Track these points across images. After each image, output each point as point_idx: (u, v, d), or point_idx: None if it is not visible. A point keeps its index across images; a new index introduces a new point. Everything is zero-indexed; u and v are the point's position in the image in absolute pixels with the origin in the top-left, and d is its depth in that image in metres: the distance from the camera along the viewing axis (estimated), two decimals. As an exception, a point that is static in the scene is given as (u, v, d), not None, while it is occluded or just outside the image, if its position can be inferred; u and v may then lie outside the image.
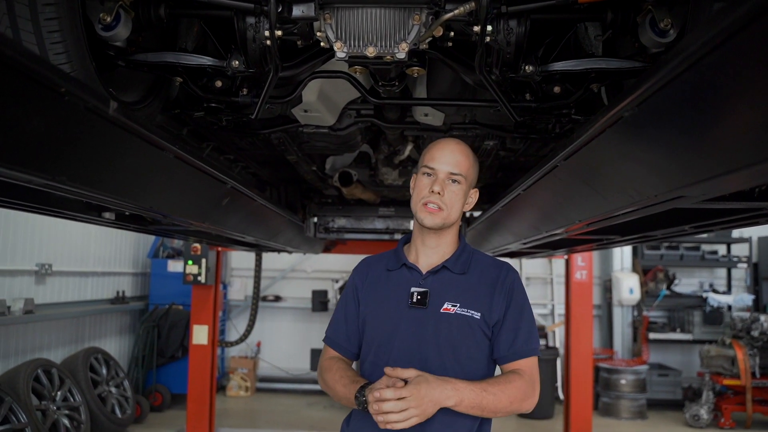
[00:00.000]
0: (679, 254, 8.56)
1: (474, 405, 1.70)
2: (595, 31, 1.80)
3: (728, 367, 7.31)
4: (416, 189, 1.91)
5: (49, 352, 5.94)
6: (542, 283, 9.28)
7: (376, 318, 1.92)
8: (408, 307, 1.86)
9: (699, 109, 1.03)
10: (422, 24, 1.60)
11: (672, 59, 0.98)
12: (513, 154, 3.02)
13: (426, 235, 1.93)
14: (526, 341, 1.84)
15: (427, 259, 1.93)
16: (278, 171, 3.89)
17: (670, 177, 1.28)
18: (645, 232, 2.63)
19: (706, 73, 0.94)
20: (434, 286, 1.88)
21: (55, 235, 6.12)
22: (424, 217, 1.87)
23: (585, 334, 6.17)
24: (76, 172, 1.45)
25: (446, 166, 1.85)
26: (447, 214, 1.86)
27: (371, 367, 1.89)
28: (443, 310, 1.84)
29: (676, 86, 1.02)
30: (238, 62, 1.78)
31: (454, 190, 1.86)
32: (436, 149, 1.90)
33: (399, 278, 1.93)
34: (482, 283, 1.89)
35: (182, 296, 7.51)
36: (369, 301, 1.96)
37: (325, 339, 2.05)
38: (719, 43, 0.84)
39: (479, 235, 4.19)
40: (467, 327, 1.83)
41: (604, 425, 7.39)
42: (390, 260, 2.00)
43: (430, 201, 1.85)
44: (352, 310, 1.99)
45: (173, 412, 7.33)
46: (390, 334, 1.87)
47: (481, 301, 1.85)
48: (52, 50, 1.47)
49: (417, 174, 1.94)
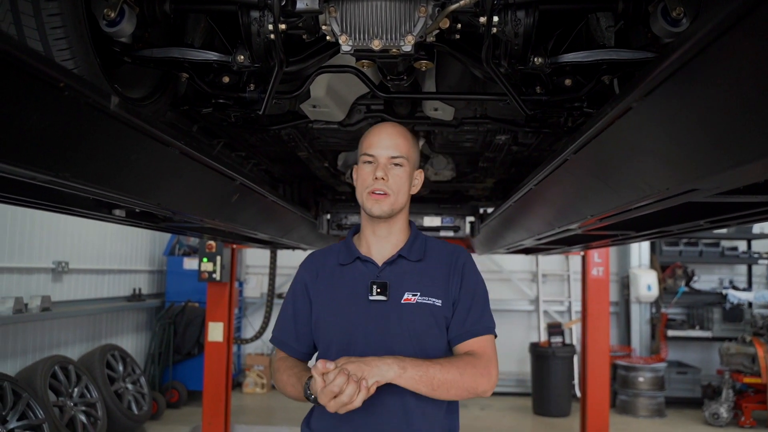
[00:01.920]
0: (698, 250, 8.45)
1: (421, 375, 1.63)
2: (607, 22, 1.77)
3: (748, 365, 7.20)
4: (359, 179, 1.87)
5: (66, 349, 6.00)
6: (559, 280, 9.20)
7: (333, 316, 1.84)
8: (368, 302, 1.81)
9: (709, 97, 0.99)
10: (428, 16, 1.57)
11: (681, 45, 0.94)
12: (525, 149, 2.98)
13: (376, 225, 1.88)
14: (478, 320, 1.82)
15: (381, 251, 1.89)
16: (290, 168, 3.88)
17: (682, 169, 1.24)
18: (661, 227, 2.58)
19: (716, 59, 0.90)
20: (392, 276, 1.83)
21: (72, 233, 6.18)
22: (371, 206, 1.82)
23: (602, 331, 6.11)
24: (80, 169, 1.45)
25: (386, 151, 1.83)
26: (394, 199, 1.83)
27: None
28: (404, 301, 1.80)
29: (685, 74, 0.98)
30: (243, 57, 1.77)
31: (397, 173, 1.83)
32: (373, 135, 1.87)
33: (354, 272, 1.88)
34: (438, 268, 1.86)
35: (198, 293, 7.56)
36: (323, 298, 1.88)
37: (272, 339, 1.97)
38: (731, 26, 0.81)
39: (493, 231, 4.15)
40: (430, 316, 1.80)
41: (621, 423, 7.31)
42: (341, 254, 1.93)
43: (376, 188, 1.81)
44: (302, 308, 1.91)
45: (189, 408, 7.37)
46: (352, 332, 1.80)
47: (439, 288, 1.83)
48: (56, 47, 1.46)
49: (357, 165, 1.91)
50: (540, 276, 9.01)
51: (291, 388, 1.78)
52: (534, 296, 9.08)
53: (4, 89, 1.06)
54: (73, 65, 1.50)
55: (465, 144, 3.07)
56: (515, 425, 7.27)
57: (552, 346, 7.62)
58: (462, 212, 4.61)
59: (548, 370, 7.60)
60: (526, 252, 5.44)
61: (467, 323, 1.82)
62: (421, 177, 1.96)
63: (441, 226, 4.59)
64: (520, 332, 8.95)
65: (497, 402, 8.26)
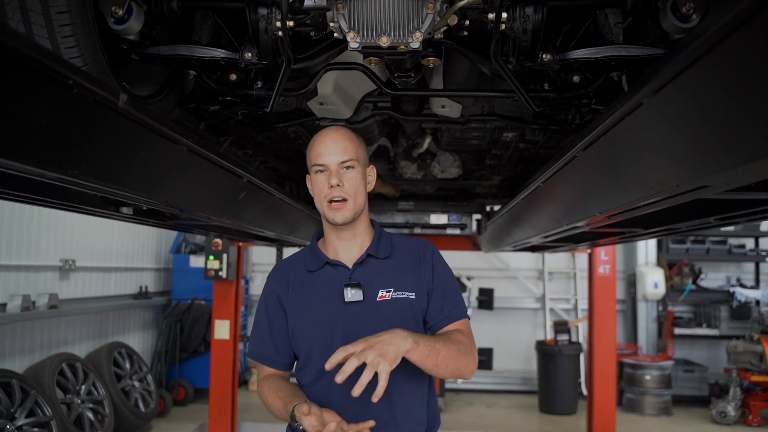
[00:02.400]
0: (705, 248, 8.41)
1: (430, 349, 1.66)
2: (615, 18, 1.76)
3: (756, 363, 7.16)
4: (315, 189, 1.89)
5: (73, 347, 6.02)
6: (565, 277, 9.18)
7: (311, 322, 1.86)
8: (344, 304, 1.82)
9: (721, 93, 0.98)
10: (436, 12, 1.56)
11: (693, 41, 0.94)
12: (533, 146, 2.97)
13: (339, 230, 1.89)
14: (454, 306, 1.88)
15: (348, 253, 1.91)
16: (297, 165, 3.88)
17: (693, 166, 1.24)
18: (669, 224, 2.57)
19: (729, 55, 0.89)
20: (364, 276, 1.86)
21: (79, 231, 6.20)
22: (333, 215, 1.84)
23: (608, 329, 6.10)
24: (88, 166, 1.45)
25: (335, 157, 1.84)
26: (353, 203, 1.85)
27: (316, 374, 1.83)
28: (379, 299, 1.83)
29: (697, 70, 0.97)
30: (251, 54, 1.77)
31: (351, 176, 1.85)
32: (318, 144, 1.88)
33: (325, 277, 1.89)
34: (407, 263, 1.90)
35: (204, 291, 7.57)
36: (296, 306, 1.89)
37: (250, 355, 1.97)
38: (744, 22, 0.80)
39: (500, 229, 4.14)
40: (407, 309, 1.84)
41: (628, 421, 7.30)
42: (309, 261, 1.93)
43: (333, 196, 1.83)
44: (277, 319, 1.92)
45: (196, 406, 7.39)
46: (332, 336, 1.81)
47: (411, 281, 1.86)
48: (64, 44, 1.46)
49: (309, 175, 1.93)
50: (546, 274, 8.99)
51: (276, 411, 1.79)
52: (540, 294, 9.06)
53: (13, 86, 1.07)
54: (81, 63, 1.50)
55: (472, 141, 3.06)
56: (521, 423, 7.26)
57: (558, 344, 7.60)
58: (468, 210, 4.61)
59: (554, 367, 7.59)
60: (533, 250, 5.44)
61: (445, 309, 1.87)
62: (374, 173, 1.98)
63: (447, 223, 4.58)
64: (526, 330, 8.94)
65: (503, 400, 8.25)
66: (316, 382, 1.84)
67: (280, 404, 1.76)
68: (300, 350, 1.89)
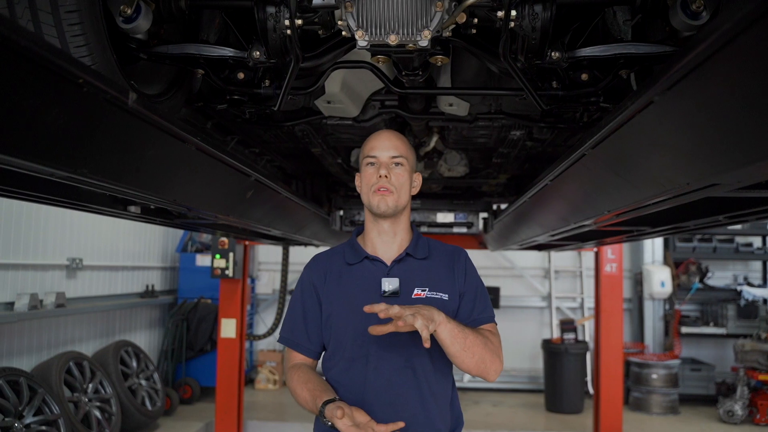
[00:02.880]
0: (712, 246, 8.37)
1: (460, 329, 1.75)
2: (624, 16, 1.75)
3: (764, 362, 7.14)
4: (363, 181, 1.97)
5: (80, 345, 6.04)
6: (571, 276, 9.16)
7: (346, 312, 1.92)
8: (380, 297, 1.89)
9: (733, 90, 0.98)
10: (445, 10, 1.56)
11: (704, 39, 0.93)
12: (540, 145, 2.96)
13: (381, 226, 1.98)
14: (484, 310, 1.97)
15: (387, 250, 1.99)
16: (303, 164, 3.88)
17: (704, 164, 1.23)
18: (677, 222, 2.55)
19: (742, 52, 0.89)
20: (402, 273, 1.94)
21: (86, 230, 6.22)
22: (378, 202, 1.91)
23: (615, 327, 6.10)
24: (97, 165, 1.45)
25: (387, 152, 1.94)
26: (397, 196, 1.92)
27: (347, 363, 1.90)
28: (415, 296, 1.91)
29: (709, 67, 0.97)
30: (259, 53, 1.77)
31: (399, 172, 1.94)
32: (374, 140, 1.99)
33: (363, 271, 1.97)
34: (442, 266, 1.99)
35: (211, 290, 7.59)
36: (334, 297, 1.96)
37: (281, 340, 2.03)
38: (757, 19, 0.79)
39: (506, 227, 4.13)
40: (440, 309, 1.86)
41: (634, 420, 7.28)
42: (348, 254, 2.01)
43: (380, 185, 1.91)
44: (312, 308, 1.98)
45: (202, 404, 7.41)
46: (364, 327, 1.84)
47: (445, 283, 1.95)
48: (73, 43, 1.47)
49: (359, 172, 2.02)
50: (552, 272, 8.97)
51: (304, 403, 1.86)
52: (546, 293, 9.04)
53: (23, 85, 1.07)
54: (90, 61, 1.50)
55: (479, 140, 3.06)
56: (528, 422, 7.25)
57: (565, 343, 7.59)
58: (475, 208, 4.59)
59: (561, 366, 7.57)
60: (539, 248, 5.42)
61: (475, 312, 1.95)
62: (419, 180, 2.07)
63: (454, 222, 4.57)
64: (532, 329, 8.92)
65: (509, 399, 8.24)
66: (346, 371, 1.90)
67: (309, 396, 1.83)
68: (332, 338, 1.95)
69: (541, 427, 7.10)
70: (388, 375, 1.85)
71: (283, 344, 2.04)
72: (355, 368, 1.88)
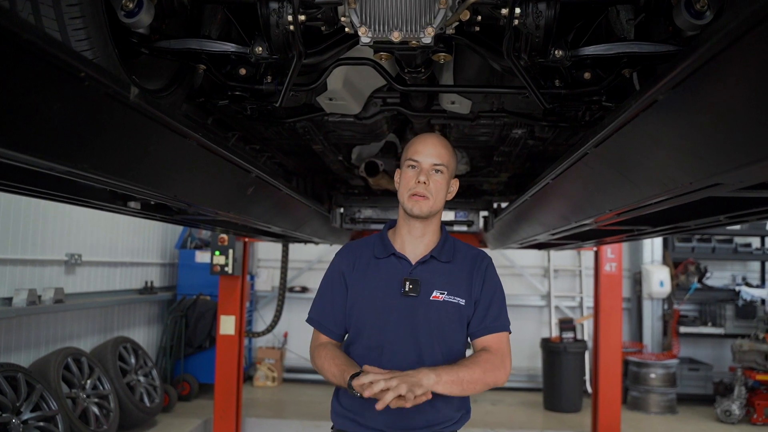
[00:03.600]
0: (710, 246, 8.38)
1: (453, 379, 1.84)
2: (627, 15, 1.75)
3: (761, 362, 7.14)
4: (402, 181, 2.06)
5: (78, 341, 6.03)
6: (570, 275, 9.16)
7: (368, 303, 2.05)
8: (400, 295, 2.01)
9: (737, 90, 0.97)
10: (448, 8, 1.55)
11: (708, 39, 0.93)
12: (542, 143, 2.95)
13: (412, 225, 2.07)
14: (496, 318, 2.04)
15: (414, 249, 2.08)
16: (304, 161, 3.87)
17: (706, 163, 1.23)
18: (677, 222, 2.55)
19: (746, 52, 0.88)
20: (423, 275, 2.04)
21: (85, 226, 6.21)
22: (412, 206, 2.02)
23: (614, 327, 6.10)
24: (98, 160, 1.44)
25: (429, 158, 2.02)
26: (433, 202, 2.02)
27: (364, 351, 2.03)
28: (433, 298, 2.01)
29: (714, 67, 0.96)
30: (261, 49, 1.76)
31: (437, 179, 2.02)
32: (419, 143, 2.06)
33: (388, 267, 2.07)
34: (463, 270, 2.08)
35: (210, 287, 7.58)
36: (359, 287, 2.07)
37: (310, 321, 2.14)
38: (759, 21, 0.79)
39: (507, 226, 4.13)
40: (455, 313, 2.02)
41: (632, 419, 7.28)
42: (377, 248, 2.11)
43: (417, 191, 2.01)
44: (339, 294, 2.10)
45: (201, 401, 7.41)
46: (383, 320, 2.01)
47: (464, 288, 2.04)
48: (74, 37, 1.45)
49: (401, 169, 2.10)
50: (552, 271, 8.97)
51: (332, 377, 1.97)
52: (545, 291, 9.05)
53: (25, 78, 1.06)
54: (92, 56, 1.49)
55: (480, 138, 3.05)
56: (526, 420, 7.26)
57: (563, 342, 7.59)
58: (476, 207, 4.59)
59: (560, 365, 7.57)
60: (539, 247, 5.42)
61: (487, 320, 2.04)
62: (456, 185, 2.15)
63: (455, 220, 4.57)
64: (531, 327, 8.93)
65: (508, 397, 8.25)
66: (363, 358, 2.00)
67: (337, 371, 1.93)
68: (353, 325, 2.07)
69: (540, 425, 7.11)
70: (401, 367, 1.92)
71: (310, 324, 2.14)
72: (371, 356, 1.99)
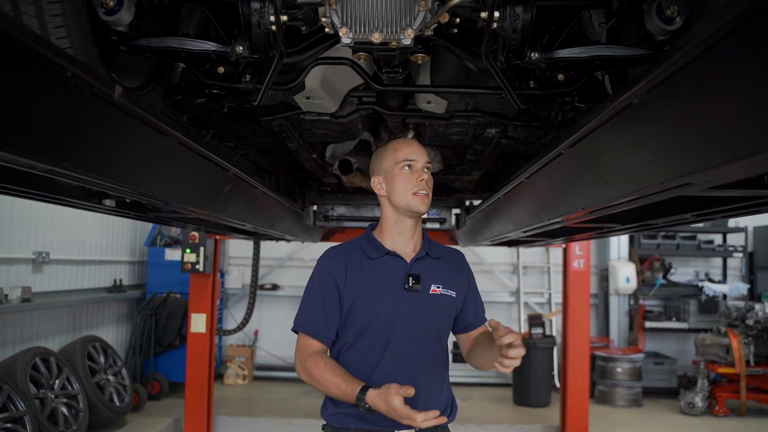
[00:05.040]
0: (675, 243, 8.60)
1: None
2: (599, 19, 1.79)
3: (723, 356, 7.36)
4: (399, 183, 2.12)
5: (46, 341, 5.93)
6: (539, 272, 9.30)
7: (373, 300, 2.09)
8: (403, 291, 2.10)
9: (708, 96, 1.03)
10: (428, 10, 1.58)
11: (683, 46, 0.98)
12: (514, 142, 3.01)
13: (405, 225, 2.16)
14: (483, 310, 2.31)
15: (405, 248, 2.17)
16: (277, 159, 3.87)
17: (677, 164, 1.28)
18: (646, 220, 2.63)
19: (718, 61, 0.93)
20: (421, 271, 2.14)
21: (53, 223, 6.10)
22: (419, 205, 2.11)
23: (582, 322, 6.22)
24: (79, 158, 1.44)
25: (422, 158, 2.15)
26: (430, 199, 2.15)
27: (366, 350, 2.07)
28: (432, 292, 2.13)
29: (686, 73, 1.01)
30: (242, 48, 1.76)
31: (430, 177, 2.17)
32: (406, 146, 2.17)
33: (384, 265, 2.14)
34: (451, 265, 2.24)
35: (180, 285, 7.51)
36: (357, 288, 2.10)
37: (299, 328, 2.12)
38: (731, 32, 0.84)
39: (479, 223, 4.19)
40: (450, 305, 2.17)
41: (600, 413, 7.44)
42: (368, 249, 2.17)
43: (421, 189, 2.11)
44: (332, 298, 2.11)
45: (171, 400, 7.34)
46: (391, 317, 2.08)
47: (454, 282, 2.19)
48: (55, 34, 1.44)
49: (388, 172, 2.15)
50: (521, 268, 9.09)
51: (335, 389, 1.98)
52: (515, 288, 9.17)
53: (13, 77, 1.06)
54: (73, 53, 1.48)
55: (454, 137, 3.09)
56: (496, 415, 7.36)
57: (533, 338, 7.71)
58: (448, 204, 4.64)
59: (529, 361, 7.68)
60: (510, 244, 5.50)
61: (480, 313, 2.28)
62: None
63: (427, 218, 4.61)
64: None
65: (477, 393, 8.34)
66: (363, 356, 2.07)
67: (342, 382, 1.95)
68: (353, 326, 2.09)
69: (509, 420, 7.21)
70: (405, 362, 2.06)
71: (302, 332, 2.12)
72: (372, 353, 2.07)
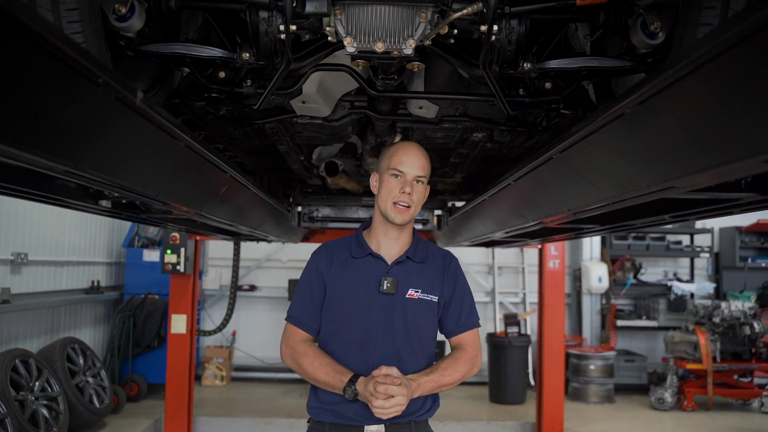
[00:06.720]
0: (645, 244, 8.84)
1: (434, 388, 2.11)
2: (584, 31, 1.91)
3: (691, 352, 7.60)
4: (384, 188, 2.18)
5: (25, 342, 5.88)
6: (514, 272, 9.46)
7: (347, 300, 2.16)
8: (378, 293, 2.14)
9: (696, 108, 1.13)
10: (428, 21, 1.67)
11: (673, 65, 1.08)
12: (498, 146, 3.11)
13: (389, 228, 2.21)
14: (469, 316, 2.27)
15: (389, 250, 2.22)
16: (264, 160, 3.92)
17: (664, 169, 1.39)
18: (624, 221, 2.75)
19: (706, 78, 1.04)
20: (399, 274, 2.17)
21: (31, 224, 6.05)
22: (395, 216, 2.15)
23: (557, 321, 6.36)
24: (97, 160, 1.50)
25: (414, 170, 2.17)
26: (414, 210, 2.17)
27: (343, 347, 2.14)
28: (408, 296, 2.16)
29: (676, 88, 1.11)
30: (248, 54, 1.83)
31: (419, 189, 2.18)
32: (404, 154, 2.19)
33: (366, 266, 2.19)
34: (435, 269, 2.24)
35: (158, 286, 7.48)
36: (337, 284, 2.18)
37: (290, 319, 2.24)
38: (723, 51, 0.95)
39: (461, 224, 4.29)
40: (428, 310, 2.19)
41: (574, 409, 7.61)
42: (353, 248, 2.23)
43: (401, 200, 2.14)
44: (318, 292, 2.20)
45: (150, 401, 7.31)
46: (362, 317, 2.13)
47: (435, 286, 2.21)
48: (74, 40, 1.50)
49: (381, 174, 2.21)
50: (496, 268, 9.24)
51: (323, 375, 2.08)
52: (490, 288, 9.32)
53: (50, 83, 1.12)
54: (89, 60, 1.54)
55: (439, 140, 3.18)
56: (473, 413, 7.48)
57: (508, 336, 7.85)
58: (430, 206, 4.74)
59: (505, 359, 7.83)
60: (488, 245, 5.62)
61: (461, 319, 2.26)
62: (428, 191, 2.29)
63: (411, 218, 4.69)
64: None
65: (454, 391, 8.45)
66: (343, 353, 2.13)
67: (331, 371, 2.06)
68: (329, 321, 2.17)
69: (486, 417, 7.34)
70: (382, 362, 2.06)
71: (289, 322, 2.24)
72: (352, 352, 2.12)
